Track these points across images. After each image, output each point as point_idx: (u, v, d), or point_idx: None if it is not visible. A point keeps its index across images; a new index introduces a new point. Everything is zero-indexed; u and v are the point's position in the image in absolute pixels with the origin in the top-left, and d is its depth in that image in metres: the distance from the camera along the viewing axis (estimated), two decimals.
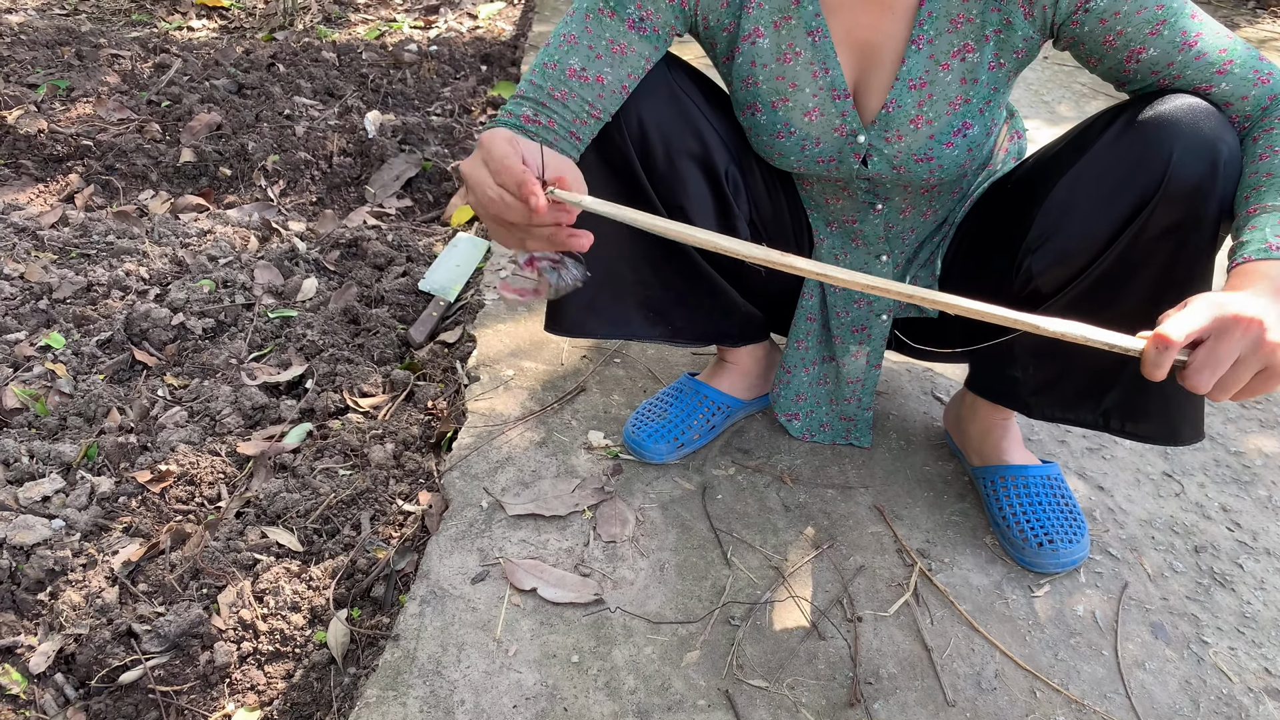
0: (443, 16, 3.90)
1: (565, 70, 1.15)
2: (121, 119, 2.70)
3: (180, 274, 2.06)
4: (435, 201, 2.51)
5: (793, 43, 1.17)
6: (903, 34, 1.14)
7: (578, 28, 1.16)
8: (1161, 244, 1.06)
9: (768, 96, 1.20)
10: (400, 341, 1.91)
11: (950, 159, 1.18)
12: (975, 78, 1.14)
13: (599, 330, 1.36)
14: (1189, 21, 1.05)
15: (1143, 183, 1.04)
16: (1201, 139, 1.01)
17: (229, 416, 1.67)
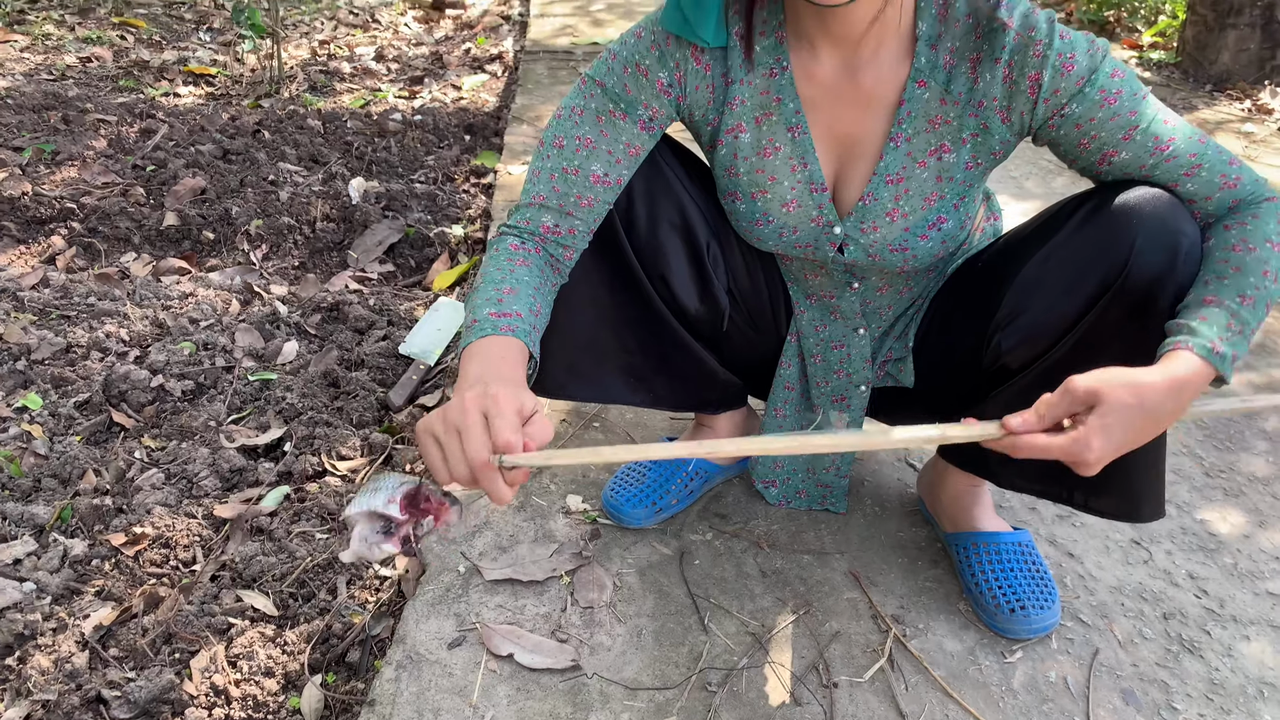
0: (427, 87, 3.98)
1: (588, 177, 1.19)
2: (106, 183, 2.73)
3: (161, 336, 2.07)
4: (417, 266, 2.54)
5: (773, 138, 1.20)
6: (882, 130, 1.18)
7: (593, 131, 1.19)
8: (1124, 327, 1.10)
9: (747, 187, 1.24)
10: (380, 405, 1.92)
11: (924, 250, 1.22)
12: (950, 175, 1.18)
13: (580, 393, 1.38)
14: (1161, 127, 1.09)
15: (1106, 268, 1.08)
16: (1164, 230, 1.05)
17: (206, 479, 1.67)
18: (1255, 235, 1.06)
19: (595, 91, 1.19)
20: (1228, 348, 0.99)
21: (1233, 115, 3.75)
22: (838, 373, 1.41)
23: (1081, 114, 1.09)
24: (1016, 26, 1.08)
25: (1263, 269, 1.04)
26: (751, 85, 1.19)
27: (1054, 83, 1.08)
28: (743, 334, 1.42)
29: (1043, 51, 1.07)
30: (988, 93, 1.12)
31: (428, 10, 5.34)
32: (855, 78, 1.16)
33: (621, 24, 4.78)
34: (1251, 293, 1.03)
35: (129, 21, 4.37)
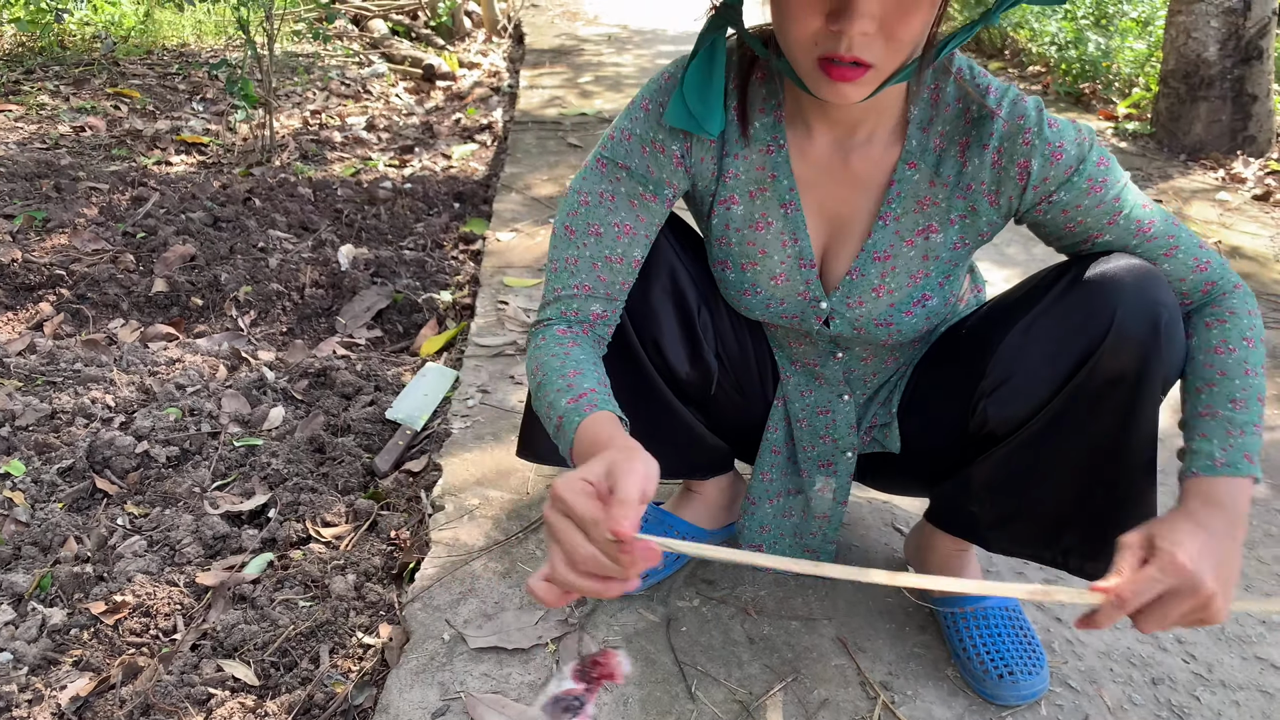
0: (417, 156, 4.04)
1: (631, 263, 1.22)
2: (96, 249, 2.75)
3: (147, 402, 2.07)
4: (405, 332, 2.56)
5: (765, 212, 1.23)
6: (871, 209, 1.20)
7: (629, 217, 1.21)
8: (1107, 393, 1.12)
9: (738, 258, 1.26)
10: (365, 470, 1.91)
11: (909, 325, 1.24)
12: (937, 255, 1.20)
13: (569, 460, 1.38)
14: (1141, 211, 1.14)
15: (1089, 336, 1.11)
16: (1144, 300, 1.09)
17: (189, 546, 1.65)
18: (1233, 334, 1.12)
19: (621, 175, 1.20)
20: (1231, 455, 1.06)
21: (1207, 184, 3.84)
22: (823, 438, 1.42)
23: (1069, 200, 1.13)
24: (1005, 114, 1.11)
25: (1244, 369, 1.10)
26: (747, 160, 1.21)
27: (1043, 171, 1.11)
28: (730, 399, 1.43)
29: (1031, 140, 1.10)
30: (976, 176, 1.14)
31: (419, 81, 5.44)
32: (848, 158, 1.18)
33: (609, 95, 4.88)
34: (1240, 395, 1.09)
35: (123, 92, 4.43)
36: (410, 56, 5.71)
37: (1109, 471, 1.17)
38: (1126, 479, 1.17)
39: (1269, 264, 3.07)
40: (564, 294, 1.21)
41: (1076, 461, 1.19)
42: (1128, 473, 1.17)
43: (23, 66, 4.68)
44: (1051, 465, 1.20)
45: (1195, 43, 4.03)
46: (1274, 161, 3.97)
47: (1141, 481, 1.18)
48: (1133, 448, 1.15)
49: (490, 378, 2.15)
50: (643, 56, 5.99)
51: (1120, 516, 1.19)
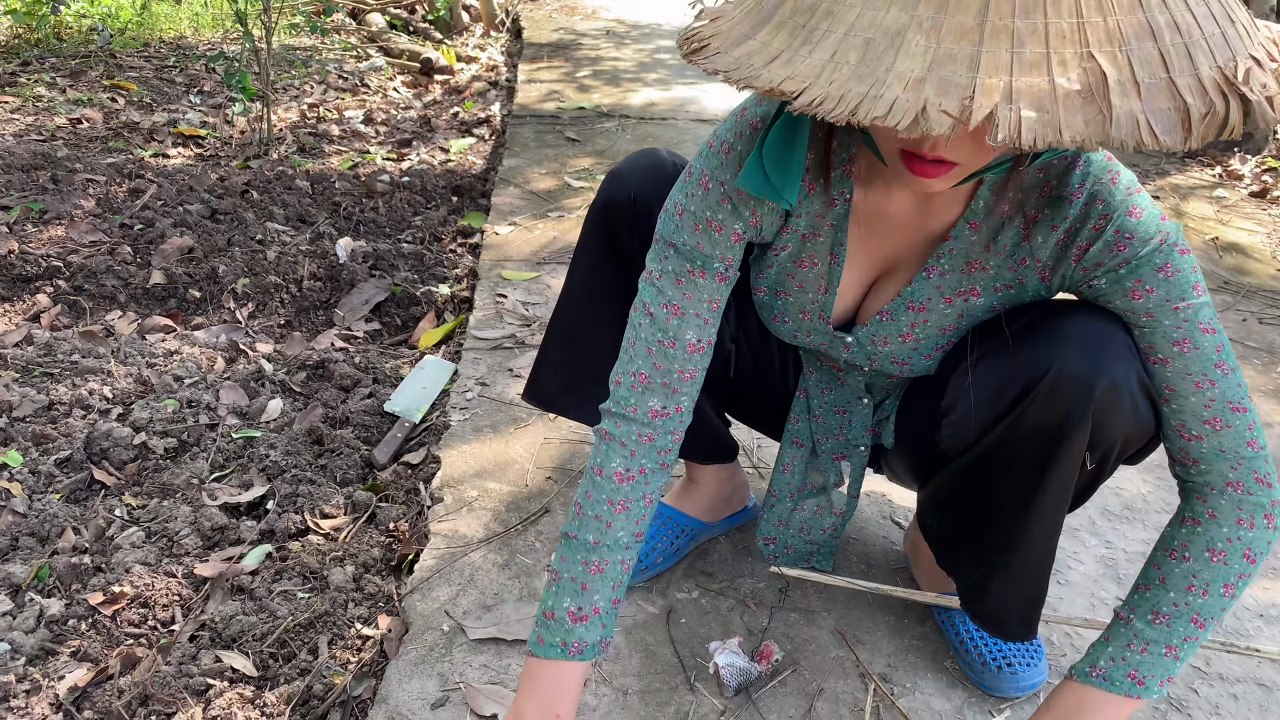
0: (415, 150, 4.04)
1: (685, 347, 1.14)
2: (93, 241, 2.74)
3: (144, 393, 2.06)
4: (403, 325, 2.55)
5: (813, 254, 1.18)
6: (920, 259, 1.15)
7: (677, 296, 1.14)
8: (1026, 445, 1.08)
9: (773, 285, 1.22)
10: (364, 463, 1.91)
11: (923, 366, 1.22)
12: (972, 314, 1.15)
13: (570, 410, 1.42)
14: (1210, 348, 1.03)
15: (1025, 383, 1.06)
16: (1086, 364, 1.02)
17: (187, 537, 1.65)
18: (1197, 542, 1.06)
19: (669, 253, 1.14)
20: (1114, 669, 1.07)
21: (1204, 181, 3.84)
22: (838, 435, 1.42)
23: (1108, 290, 1.05)
24: (1083, 199, 1.03)
25: (1187, 583, 1.05)
26: (810, 210, 1.15)
27: (1098, 255, 1.03)
28: (749, 381, 1.43)
29: (1103, 228, 1.02)
30: (1034, 254, 1.08)
31: (416, 75, 5.43)
32: (921, 211, 1.13)
33: (607, 89, 4.87)
34: (1168, 610, 1.06)
35: (120, 84, 4.42)
36: (408, 50, 5.70)
37: (1011, 521, 1.15)
38: (1024, 534, 1.15)
39: (1266, 260, 3.08)
40: (625, 385, 1.17)
41: (994, 502, 1.17)
42: (1029, 528, 1.14)
43: (19, 58, 4.67)
44: (975, 498, 1.19)
45: None
46: (1271, 159, 3.98)
47: (1041, 541, 1.15)
48: (1039, 505, 1.11)
49: (489, 370, 2.15)
50: (641, 51, 5.98)
51: (1011, 568, 1.19)
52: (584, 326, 1.33)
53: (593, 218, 1.31)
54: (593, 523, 1.14)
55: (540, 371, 1.41)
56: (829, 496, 1.45)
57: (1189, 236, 3.25)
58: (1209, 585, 1.05)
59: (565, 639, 1.12)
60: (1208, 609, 1.05)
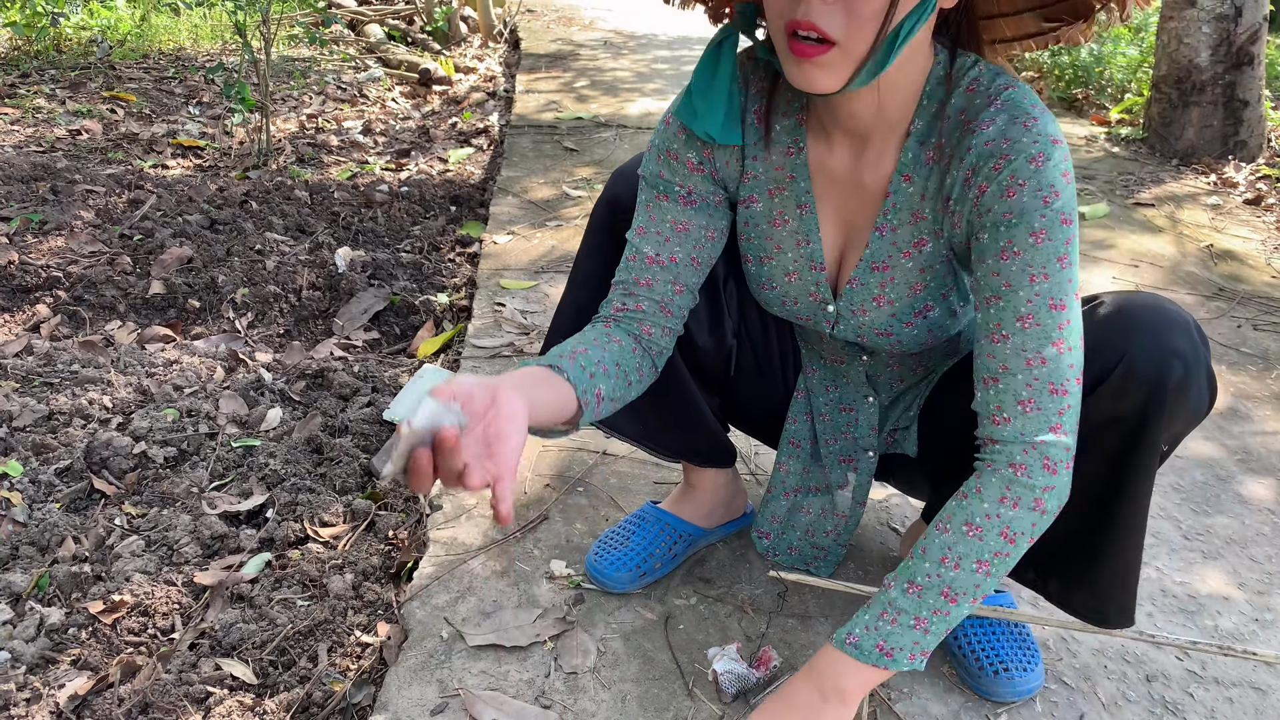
0: (414, 160, 4.05)
1: (644, 259, 1.25)
2: (93, 252, 2.75)
3: (144, 403, 2.07)
4: (402, 334, 2.56)
5: (783, 210, 1.24)
6: (872, 219, 1.20)
7: (643, 218, 1.26)
8: (1104, 433, 1.11)
9: (757, 251, 1.28)
10: (363, 471, 1.92)
11: (910, 337, 1.24)
12: (932, 266, 1.18)
13: None
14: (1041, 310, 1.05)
15: (1096, 370, 1.09)
16: (1158, 348, 1.06)
17: (187, 546, 1.65)
18: (958, 515, 1.08)
19: (642, 185, 1.27)
20: (865, 638, 1.09)
21: (1199, 188, 3.86)
22: (845, 434, 1.43)
23: (988, 245, 1.07)
24: (992, 133, 1.05)
25: (942, 555, 1.07)
26: (768, 161, 1.23)
27: (990, 200, 1.05)
28: (750, 382, 1.44)
29: (1001, 168, 1.03)
30: (951, 190, 1.11)
31: (415, 86, 5.45)
32: (858, 168, 1.18)
33: (605, 100, 4.89)
34: (921, 580, 1.08)
35: (119, 95, 4.44)
36: (406, 61, 5.72)
37: (1098, 509, 1.17)
38: (1113, 521, 1.17)
39: (1260, 266, 3.09)
40: (616, 290, 1.27)
41: (1077, 495, 1.16)
42: (1115, 515, 1.16)
43: (19, 70, 4.69)
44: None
45: (1187, 48, 4.06)
46: (1265, 166, 4.00)
47: (1131, 529, 1.17)
48: (1124, 493, 1.14)
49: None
50: (639, 62, 6.01)
51: (1103, 555, 1.20)
52: (583, 324, 1.34)
53: (598, 214, 1.34)
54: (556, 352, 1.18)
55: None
56: (832, 498, 1.45)
57: (1184, 244, 3.26)
58: (961, 559, 1.06)
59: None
60: (959, 583, 1.06)
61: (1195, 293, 2.85)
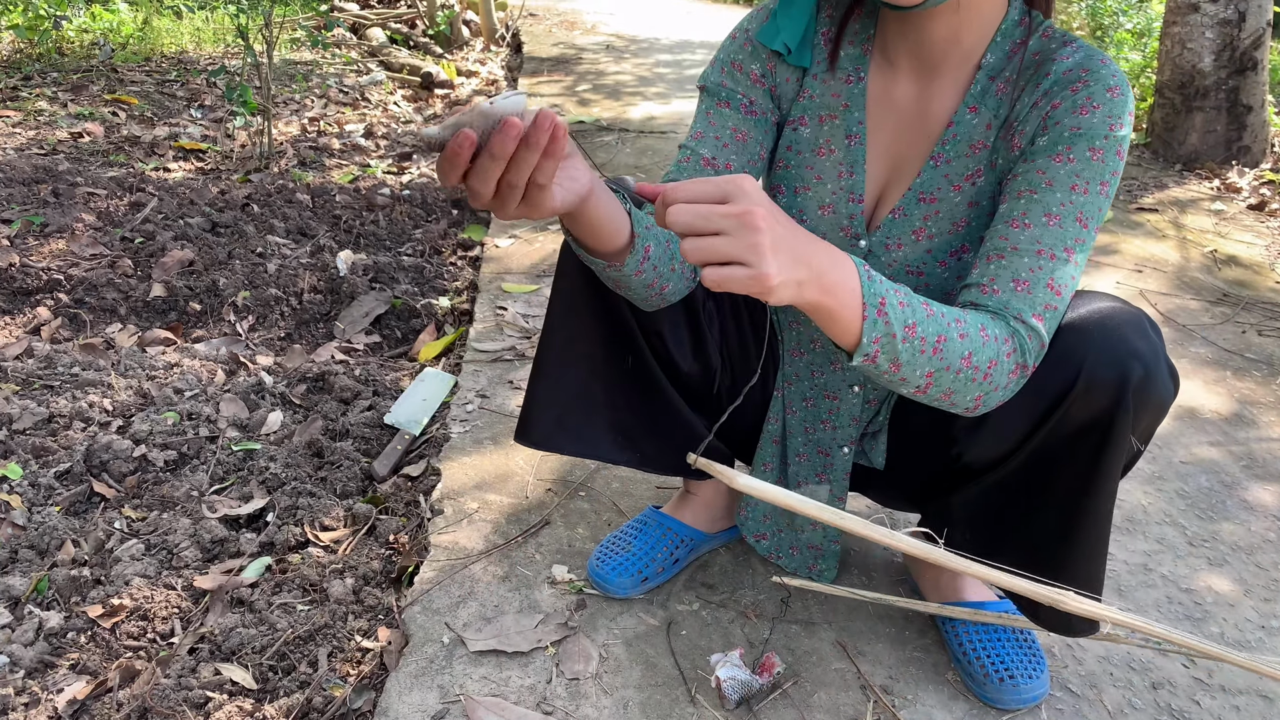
0: (415, 163, 4.05)
1: (699, 161, 1.26)
2: (94, 254, 2.74)
3: (144, 406, 2.06)
4: (403, 338, 2.55)
5: (830, 139, 1.25)
6: (927, 151, 1.21)
7: (703, 124, 1.28)
8: (1078, 442, 1.12)
9: (793, 182, 1.29)
10: (364, 475, 1.91)
11: (939, 279, 1.23)
12: (979, 202, 1.19)
13: (567, 446, 1.38)
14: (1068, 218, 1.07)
15: (1059, 382, 1.09)
16: (1113, 351, 1.07)
17: (187, 550, 1.65)
18: (978, 314, 1.05)
19: (703, 96, 1.29)
20: (883, 287, 0.96)
21: (1203, 194, 3.85)
22: (824, 423, 1.40)
23: (1045, 148, 1.09)
24: (1072, 62, 1.11)
25: (957, 316, 1.02)
26: (825, 84, 1.25)
27: (1062, 114, 1.09)
28: (731, 398, 1.43)
29: (1079, 90, 1.08)
30: (1019, 115, 1.14)
31: (417, 89, 5.45)
32: (922, 98, 1.20)
33: (608, 103, 4.89)
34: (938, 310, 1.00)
35: (121, 98, 4.44)
36: (408, 64, 5.72)
37: (1079, 518, 1.17)
38: (1089, 527, 1.17)
39: (1265, 272, 3.08)
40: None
41: (1050, 505, 1.18)
42: (1091, 521, 1.16)
43: (21, 72, 4.69)
44: (1028, 506, 1.21)
45: (1190, 54, 4.05)
46: (1269, 171, 3.99)
47: (1096, 533, 1.17)
48: (1092, 495, 1.14)
49: (489, 383, 2.15)
50: (641, 66, 6.01)
51: (1070, 559, 1.19)
52: (569, 359, 1.32)
53: (566, 248, 1.29)
54: None
55: (530, 411, 1.37)
56: (810, 490, 1.44)
57: (1188, 249, 3.26)
58: (966, 333, 1.01)
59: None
60: (948, 348, 1.00)
61: (1199, 298, 2.84)
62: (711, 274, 0.86)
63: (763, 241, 0.85)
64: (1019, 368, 1.06)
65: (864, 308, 0.95)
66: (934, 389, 1.03)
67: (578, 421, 1.36)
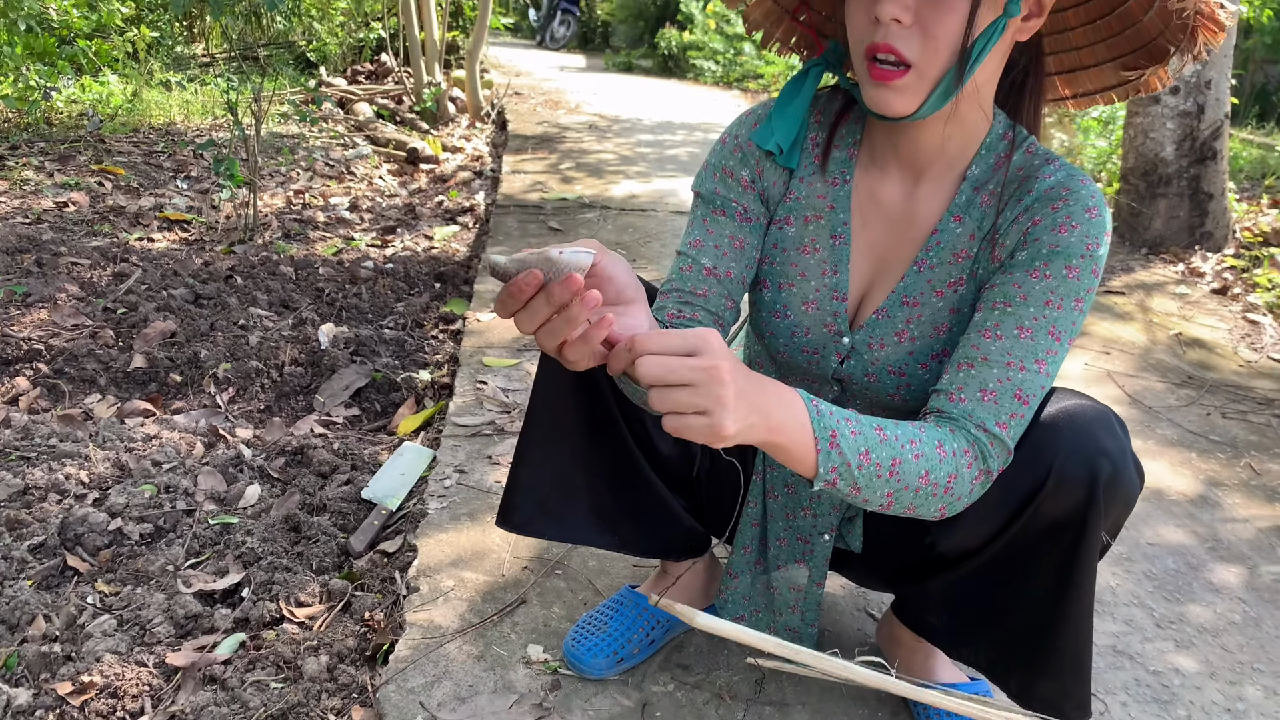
0: (399, 236, 4.10)
1: (701, 270, 1.28)
2: (76, 324, 2.76)
3: (122, 478, 2.06)
4: (383, 411, 2.57)
5: (815, 239, 1.29)
6: (912, 254, 1.25)
7: (700, 232, 1.30)
8: (1050, 538, 1.15)
9: (777, 278, 1.32)
10: (340, 550, 1.91)
11: (920, 381, 1.26)
12: (960, 308, 1.23)
13: (548, 531, 1.40)
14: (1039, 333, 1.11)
15: (1031, 479, 1.13)
16: (1082, 450, 1.11)
17: (160, 626, 1.64)
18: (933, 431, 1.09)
19: (697, 203, 1.32)
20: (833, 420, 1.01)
21: (1168, 278, 3.96)
22: (805, 510, 1.42)
23: (1023, 262, 1.14)
24: (1053, 180, 1.15)
25: (912, 437, 1.06)
26: (811, 186, 1.29)
27: (1041, 230, 1.13)
28: (711, 479, 1.45)
29: (1060, 208, 1.13)
30: (1002, 229, 1.18)
31: (402, 164, 5.54)
32: (908, 202, 1.25)
33: (590, 181, 4.99)
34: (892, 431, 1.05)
35: (108, 169, 4.49)
36: (395, 139, 5.83)
37: (1048, 607, 1.20)
38: (1070, 619, 1.20)
39: (1228, 355, 3.16)
40: (660, 290, 1.30)
41: (1028, 597, 1.22)
42: (1073, 613, 1.19)
43: (8, 142, 4.74)
44: (1005, 597, 1.24)
45: (1153, 142, 4.20)
46: (1230, 257, 4.11)
47: (1079, 624, 1.20)
48: (1071, 589, 1.17)
49: (468, 457, 2.17)
50: (623, 145, 6.14)
51: (1056, 649, 1.22)
52: (552, 444, 1.35)
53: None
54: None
55: (512, 496, 1.39)
56: (789, 573, 1.46)
57: (1154, 331, 3.34)
58: (921, 453, 1.05)
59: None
60: (904, 469, 1.04)
61: (1165, 380, 2.91)
62: (671, 421, 0.92)
63: (726, 395, 0.91)
64: (982, 473, 1.10)
65: (816, 441, 1.01)
66: (896, 505, 1.08)
67: (559, 506, 1.38)
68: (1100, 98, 1.30)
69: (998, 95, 1.21)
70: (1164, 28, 1.15)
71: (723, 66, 10.45)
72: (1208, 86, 4.10)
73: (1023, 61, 1.23)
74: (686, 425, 0.92)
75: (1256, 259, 4.04)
